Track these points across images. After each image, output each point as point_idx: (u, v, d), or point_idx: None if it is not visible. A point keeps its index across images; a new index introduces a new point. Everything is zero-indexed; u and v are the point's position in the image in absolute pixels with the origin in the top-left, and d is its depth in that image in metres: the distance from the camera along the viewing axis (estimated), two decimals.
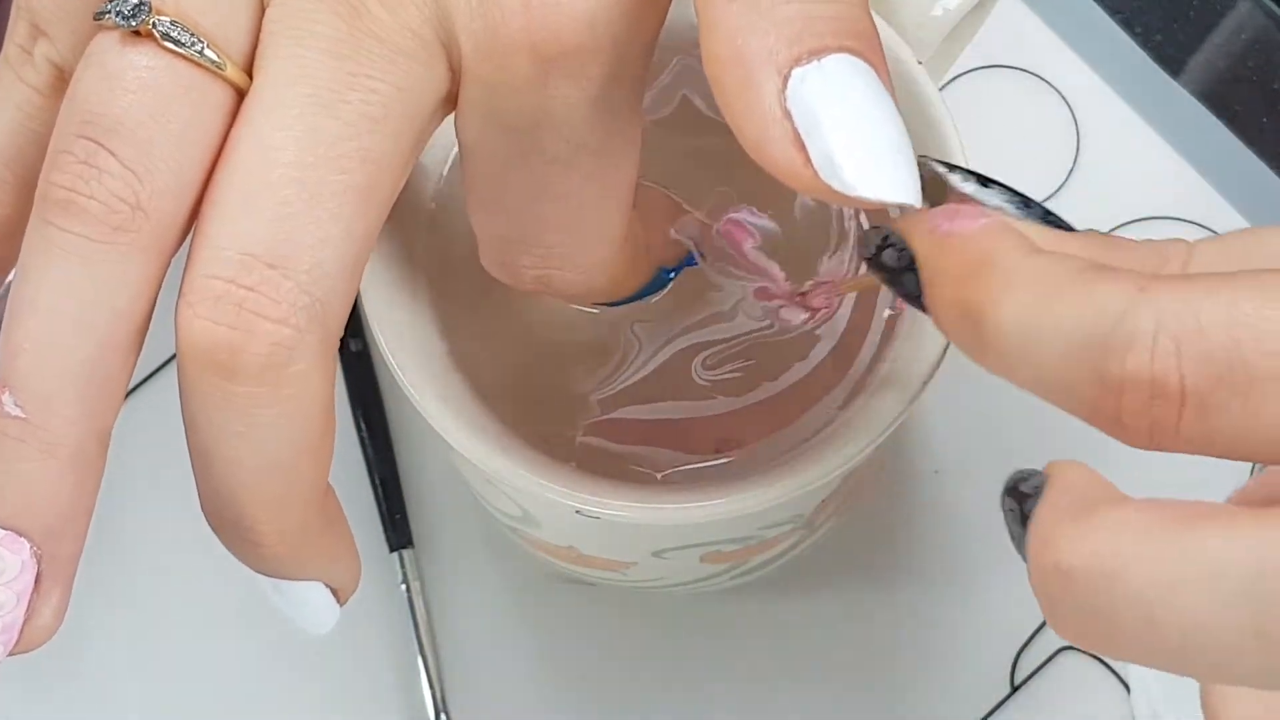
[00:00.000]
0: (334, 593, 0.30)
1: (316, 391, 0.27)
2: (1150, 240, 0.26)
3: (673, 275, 0.35)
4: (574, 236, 0.30)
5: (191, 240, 0.26)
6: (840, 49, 0.25)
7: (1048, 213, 0.26)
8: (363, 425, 0.45)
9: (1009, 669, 0.44)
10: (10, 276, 0.29)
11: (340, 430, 0.46)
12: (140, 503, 0.46)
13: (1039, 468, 0.26)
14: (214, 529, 0.28)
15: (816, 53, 0.24)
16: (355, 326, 0.46)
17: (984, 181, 0.27)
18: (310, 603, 0.30)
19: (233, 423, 0.26)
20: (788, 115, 0.24)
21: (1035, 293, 0.24)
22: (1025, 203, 0.27)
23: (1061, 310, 0.23)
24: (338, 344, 0.27)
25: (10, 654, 0.27)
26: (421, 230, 0.36)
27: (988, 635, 0.44)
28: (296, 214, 0.25)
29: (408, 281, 0.35)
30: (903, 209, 0.25)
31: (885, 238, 0.27)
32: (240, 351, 0.25)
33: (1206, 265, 0.25)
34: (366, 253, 0.27)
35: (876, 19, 0.34)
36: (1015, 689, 0.44)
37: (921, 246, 0.26)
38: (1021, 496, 0.25)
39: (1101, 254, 0.25)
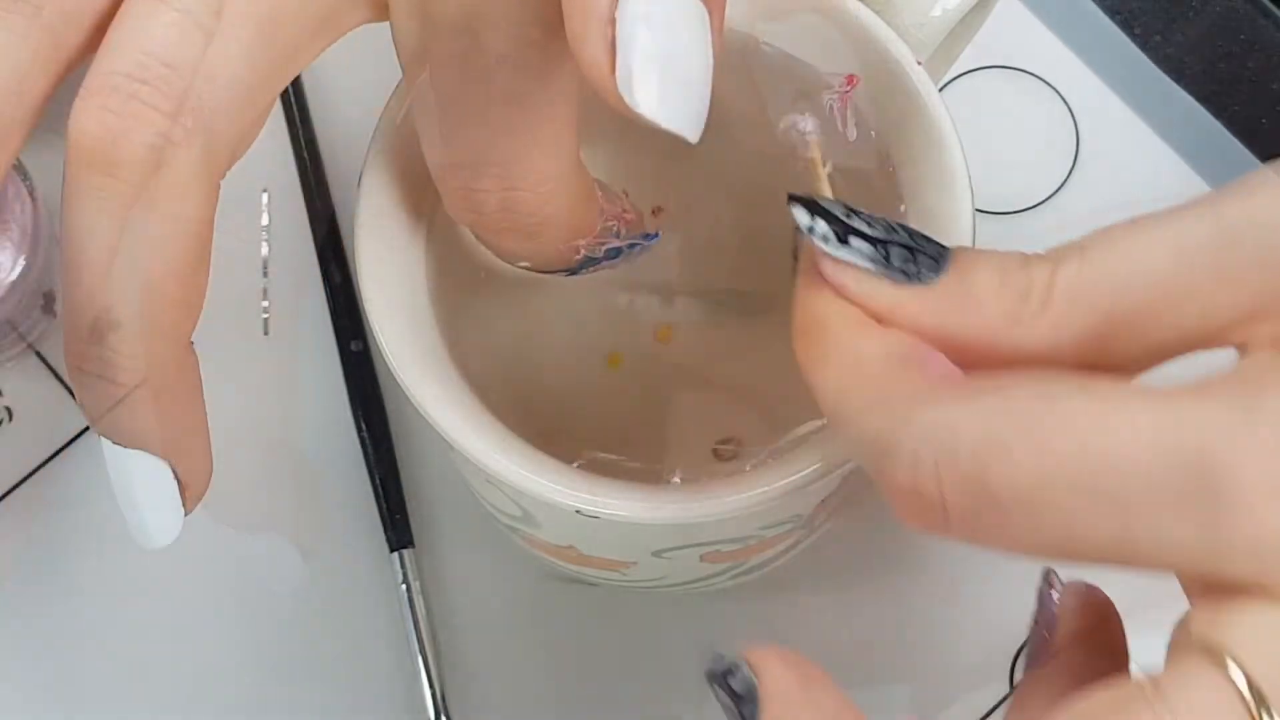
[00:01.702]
0: (180, 492, 0.30)
1: (192, 211, 0.27)
2: (1017, 261, 0.27)
3: (636, 247, 0.35)
4: (529, 145, 0.30)
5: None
6: None
7: (912, 250, 0.27)
8: (363, 425, 0.45)
9: (1008, 668, 0.44)
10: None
11: (340, 430, 0.46)
12: None
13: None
14: (73, 368, 0.28)
15: None
16: (355, 326, 0.46)
17: (845, 227, 0.28)
18: (156, 494, 0.30)
19: (107, 223, 0.27)
20: (612, 22, 0.25)
21: (841, 380, 0.26)
22: (886, 247, 0.28)
23: (856, 405, 0.26)
24: (220, 177, 0.28)
25: None
26: (421, 230, 0.36)
27: (987, 635, 0.44)
28: (198, 24, 0.27)
29: (408, 281, 0.35)
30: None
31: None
32: (124, 138, 0.26)
33: (1069, 292, 0.26)
34: (266, 92, 0.28)
35: (876, 19, 0.35)
36: (1015, 688, 0.44)
37: (797, 284, 0.28)
38: (733, 694, 0.28)
39: (950, 307, 0.27)
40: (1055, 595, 0.30)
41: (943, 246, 0.28)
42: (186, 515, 0.31)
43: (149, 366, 0.28)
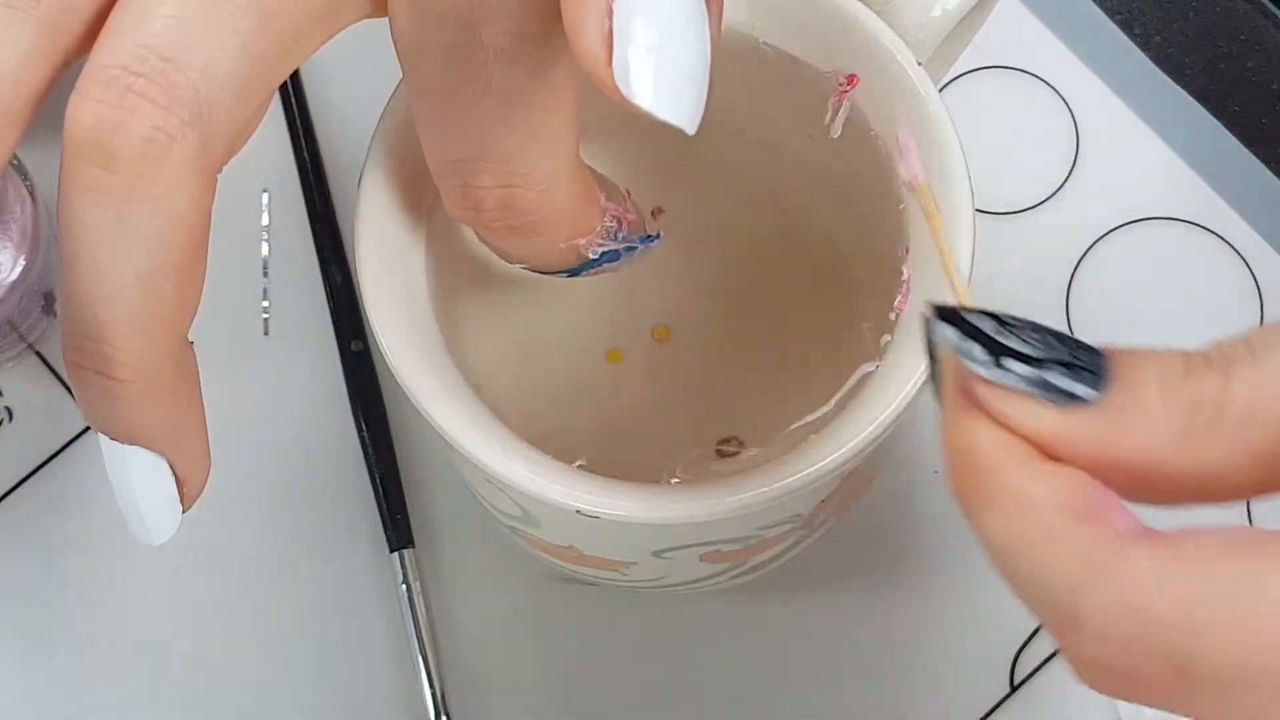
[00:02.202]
0: (179, 489, 0.30)
1: (189, 205, 0.27)
2: (1179, 367, 0.25)
3: (635, 249, 0.35)
4: (528, 141, 0.30)
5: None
6: None
7: (1069, 364, 0.25)
8: (363, 425, 0.45)
9: (1008, 668, 0.44)
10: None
11: (340, 430, 0.46)
12: None
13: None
14: (70, 364, 0.28)
15: None
16: (355, 326, 0.46)
17: (997, 346, 0.25)
18: (154, 491, 0.30)
19: (103, 217, 0.27)
20: (609, 14, 0.25)
21: (1011, 530, 0.24)
22: (1042, 365, 0.25)
23: (1032, 564, 0.24)
24: (217, 171, 0.28)
25: None
26: (421, 230, 0.36)
27: (987, 635, 0.44)
28: (196, 16, 0.27)
29: (408, 281, 0.35)
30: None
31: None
32: (121, 130, 0.26)
33: (1245, 407, 0.24)
34: (264, 85, 0.28)
35: (876, 19, 0.35)
36: (1015, 689, 0.44)
37: (942, 403, 0.26)
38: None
39: (1116, 429, 0.25)
40: None
41: (1097, 353, 0.25)
42: (185, 512, 0.31)
43: (146, 362, 0.28)
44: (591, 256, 0.34)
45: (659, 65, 0.25)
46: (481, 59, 0.29)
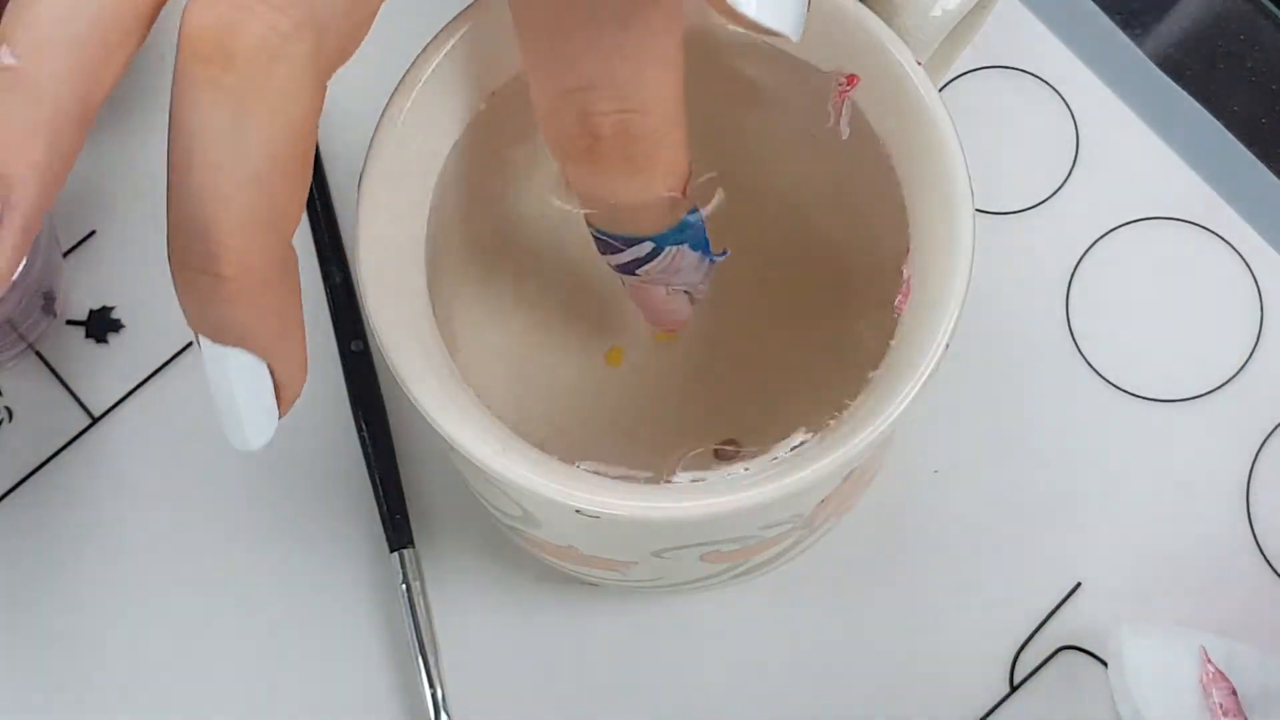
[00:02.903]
0: (276, 393, 0.30)
1: (302, 107, 0.28)
2: None
3: (709, 256, 0.35)
4: (643, 67, 0.31)
5: None
6: None
7: None
8: (363, 425, 0.45)
9: (1008, 668, 0.44)
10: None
11: (340, 430, 0.46)
12: (140, 501, 0.46)
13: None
14: (177, 266, 0.28)
15: None
16: (355, 327, 0.46)
17: None
18: (253, 395, 0.30)
19: (220, 116, 0.27)
20: None
21: None
22: None
23: None
24: (328, 76, 0.29)
25: None
26: (421, 231, 0.36)
27: (986, 635, 0.44)
28: None
29: (407, 282, 0.35)
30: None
31: None
32: (238, 30, 0.27)
33: None
34: (367, 9, 0.29)
35: (876, 19, 0.35)
36: (1014, 688, 0.44)
37: None
38: None
39: None
40: None
41: None
42: (280, 418, 0.31)
43: (255, 262, 0.28)
44: (688, 219, 0.34)
45: None
46: None
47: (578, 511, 0.32)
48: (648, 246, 0.35)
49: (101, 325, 0.47)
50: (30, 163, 0.27)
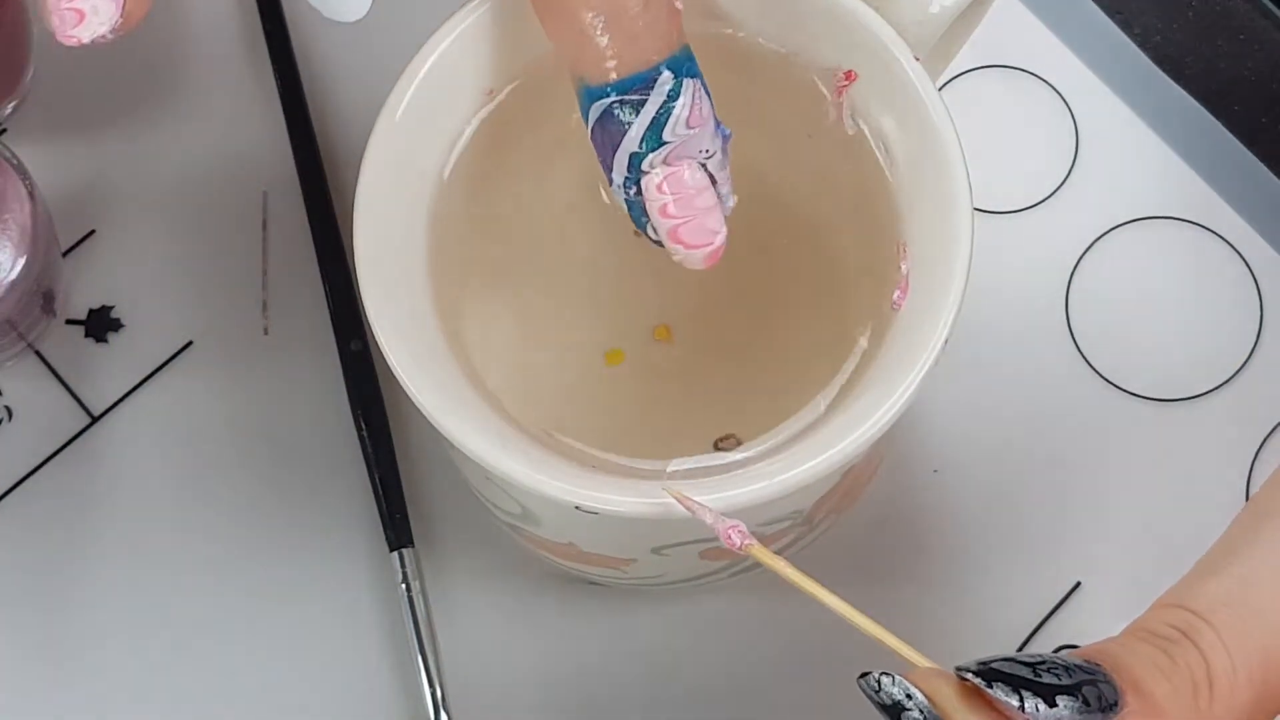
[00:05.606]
0: None
1: None
2: (1160, 654, 0.27)
3: (719, 131, 0.34)
4: None
5: None
6: None
7: (1091, 682, 0.26)
8: (363, 425, 0.45)
9: None
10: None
11: (340, 430, 0.46)
12: (141, 502, 0.46)
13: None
14: None
15: None
16: (355, 327, 0.46)
17: (1040, 688, 0.26)
18: None
19: None
20: None
21: None
22: (1080, 692, 0.26)
23: None
24: None
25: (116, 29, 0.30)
26: (421, 230, 0.36)
27: (987, 635, 0.44)
28: None
29: (407, 281, 0.35)
30: None
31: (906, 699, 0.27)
32: None
33: (1225, 677, 0.27)
34: None
35: (875, 15, 0.35)
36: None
37: None
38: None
39: None
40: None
41: (1096, 667, 0.27)
42: None
43: None
44: (688, 49, 0.33)
45: None
46: None
47: (577, 508, 0.32)
48: (668, 81, 0.33)
49: (101, 325, 0.47)
50: None
